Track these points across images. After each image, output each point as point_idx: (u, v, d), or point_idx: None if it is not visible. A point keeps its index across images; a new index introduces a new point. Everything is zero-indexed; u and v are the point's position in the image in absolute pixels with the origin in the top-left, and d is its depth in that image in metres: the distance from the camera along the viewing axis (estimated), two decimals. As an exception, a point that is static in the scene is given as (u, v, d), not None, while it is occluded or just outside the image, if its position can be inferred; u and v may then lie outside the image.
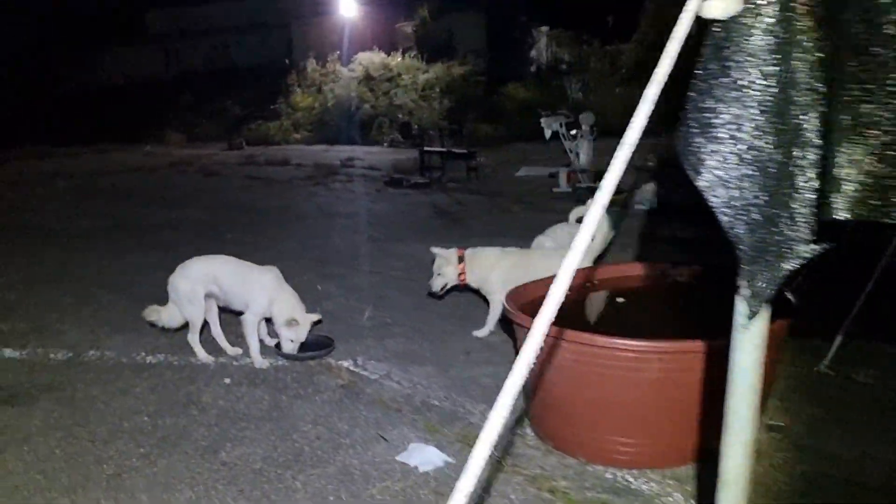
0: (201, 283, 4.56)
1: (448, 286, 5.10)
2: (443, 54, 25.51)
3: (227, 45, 32.58)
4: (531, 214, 10.37)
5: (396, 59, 25.60)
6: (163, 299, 5.10)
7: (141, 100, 27.77)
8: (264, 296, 4.52)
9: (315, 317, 4.64)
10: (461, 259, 4.96)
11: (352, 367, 4.55)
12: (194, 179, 15.02)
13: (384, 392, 4.17)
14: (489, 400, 4.05)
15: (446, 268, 4.99)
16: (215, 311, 4.81)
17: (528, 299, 3.83)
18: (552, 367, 3.31)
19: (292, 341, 4.51)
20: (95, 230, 9.24)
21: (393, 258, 7.59)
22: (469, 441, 3.52)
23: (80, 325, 5.40)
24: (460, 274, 4.97)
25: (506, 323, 5.08)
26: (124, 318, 5.52)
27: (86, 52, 31.26)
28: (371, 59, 25.91)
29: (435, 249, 5.05)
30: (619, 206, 8.64)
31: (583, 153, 12.80)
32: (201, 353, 4.65)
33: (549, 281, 1.49)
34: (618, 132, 1.48)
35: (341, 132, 24.13)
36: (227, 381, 4.34)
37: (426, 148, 15.46)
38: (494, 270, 4.88)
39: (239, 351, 4.75)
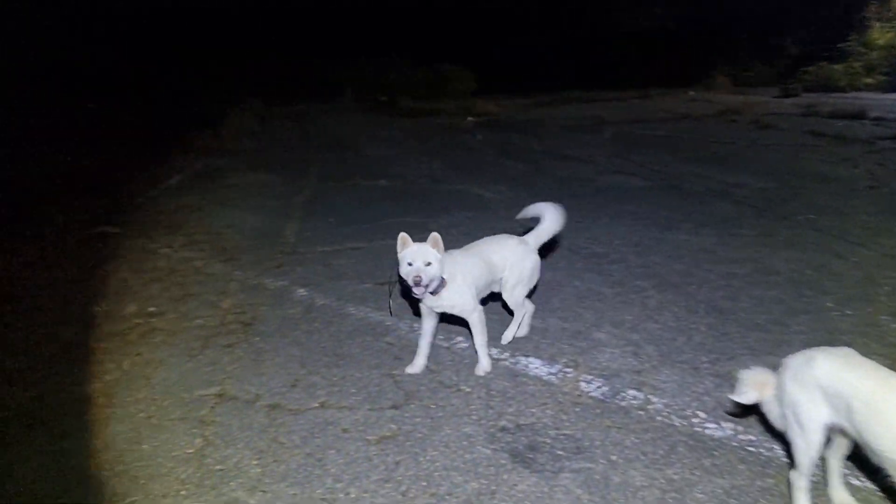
0: (826, 403, 2.42)
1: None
2: None
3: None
4: None
5: None
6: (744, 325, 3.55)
7: (687, 41, 26.34)
8: None
9: None
10: None
11: None
12: (746, 132, 12.96)
13: None
14: None
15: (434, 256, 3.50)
16: (843, 451, 2.61)
17: None
18: None
19: None
20: (641, 191, 8.16)
21: None
22: None
23: (623, 339, 4.18)
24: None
25: None
26: (688, 338, 4.13)
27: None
28: None
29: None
30: None
31: None
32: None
33: None
34: None
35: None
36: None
37: None
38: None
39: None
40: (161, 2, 22.67)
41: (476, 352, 3.80)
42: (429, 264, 3.45)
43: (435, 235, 3.49)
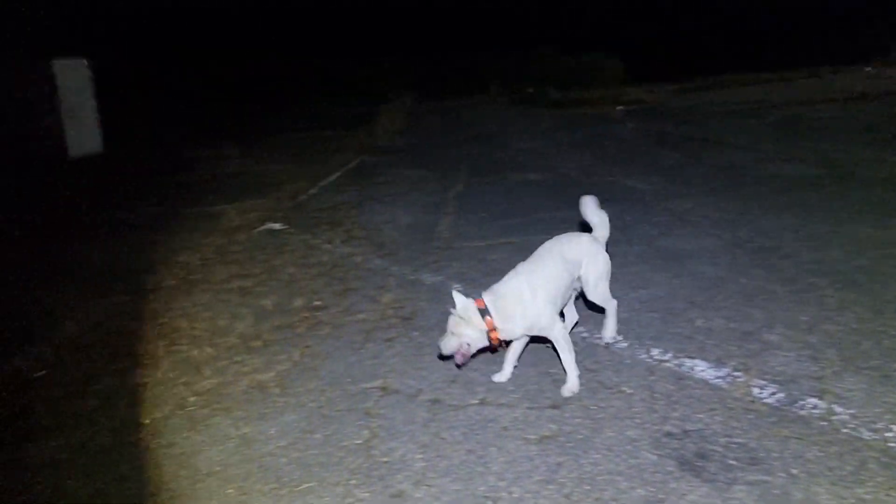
0: None
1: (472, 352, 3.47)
2: None
3: None
4: None
5: None
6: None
7: (862, 13, 24.06)
8: None
9: None
10: (484, 312, 3.40)
11: None
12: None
13: None
14: None
15: (463, 327, 3.40)
16: None
17: None
18: None
19: None
20: (812, 179, 7.55)
21: None
22: None
23: (799, 341, 3.89)
24: (490, 331, 3.41)
25: None
26: (875, 342, 3.77)
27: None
28: None
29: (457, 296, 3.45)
30: None
31: None
32: None
33: None
34: None
35: None
36: None
37: None
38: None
39: None
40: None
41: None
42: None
43: (463, 305, 3.40)
